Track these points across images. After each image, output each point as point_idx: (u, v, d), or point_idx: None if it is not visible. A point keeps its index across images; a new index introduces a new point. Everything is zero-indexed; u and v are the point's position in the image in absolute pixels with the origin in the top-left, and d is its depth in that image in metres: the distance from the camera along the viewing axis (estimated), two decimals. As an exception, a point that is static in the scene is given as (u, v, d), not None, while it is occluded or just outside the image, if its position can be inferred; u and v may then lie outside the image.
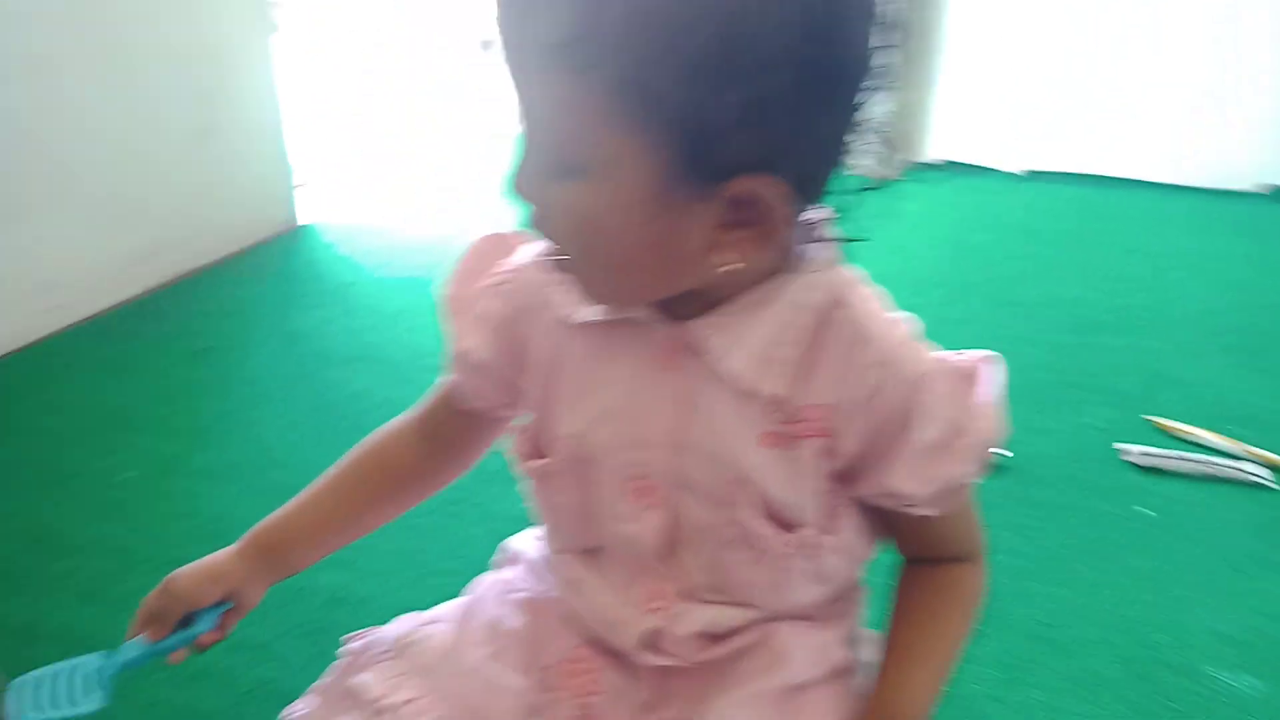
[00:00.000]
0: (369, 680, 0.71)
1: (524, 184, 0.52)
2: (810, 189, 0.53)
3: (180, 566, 0.72)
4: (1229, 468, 1.29)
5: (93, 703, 0.67)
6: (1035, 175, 2.61)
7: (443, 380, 0.74)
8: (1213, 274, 2.00)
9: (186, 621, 0.71)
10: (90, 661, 0.70)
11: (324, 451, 1.24)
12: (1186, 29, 2.46)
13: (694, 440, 0.59)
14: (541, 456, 0.65)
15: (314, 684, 0.76)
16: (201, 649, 0.71)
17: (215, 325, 1.57)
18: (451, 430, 0.74)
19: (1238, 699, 0.93)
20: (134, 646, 0.70)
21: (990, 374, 0.61)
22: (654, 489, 0.60)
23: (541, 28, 0.45)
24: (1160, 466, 1.29)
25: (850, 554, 0.67)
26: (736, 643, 0.66)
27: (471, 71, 2.98)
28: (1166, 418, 1.40)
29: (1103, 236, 2.20)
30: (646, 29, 0.44)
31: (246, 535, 0.75)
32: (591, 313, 0.59)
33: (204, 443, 1.27)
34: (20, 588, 0.99)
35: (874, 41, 0.49)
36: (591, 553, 0.68)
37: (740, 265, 0.53)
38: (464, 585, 1.04)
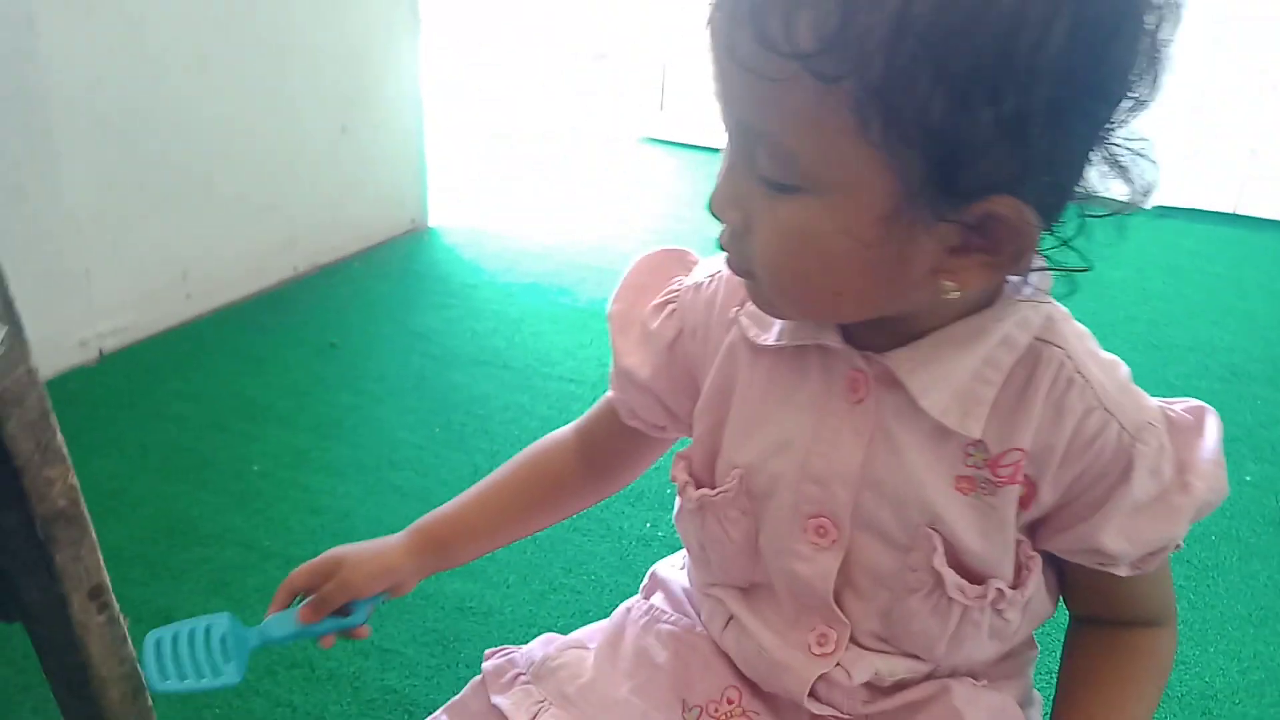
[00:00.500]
0: (506, 705, 0.70)
1: (728, 199, 0.49)
2: (1050, 214, 0.49)
3: (343, 547, 0.68)
4: None
5: (231, 675, 0.63)
6: (1167, 211, 2.49)
7: (607, 396, 0.72)
8: (1372, 327, 1.86)
9: (343, 608, 0.68)
10: (222, 622, 0.65)
11: (447, 455, 1.27)
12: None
13: (882, 479, 0.55)
14: (706, 485, 0.63)
15: (450, 701, 0.75)
16: (357, 638, 0.69)
17: (343, 320, 1.59)
18: (610, 446, 0.73)
19: None
20: (283, 623, 0.66)
21: (1213, 427, 0.56)
22: (833, 528, 0.56)
23: (781, 32, 0.41)
24: (1327, 533, 1.20)
25: (1032, 612, 0.62)
26: (905, 697, 0.62)
27: (597, 79, 3.00)
28: (1334, 480, 1.30)
29: (1249, 281, 2.07)
30: (909, 35, 0.40)
31: (415, 527, 0.73)
32: (776, 336, 0.56)
33: (331, 438, 1.28)
34: (154, 575, 1.01)
35: (1137, 57, 0.45)
36: (749, 589, 0.65)
37: (960, 292, 0.50)
38: (586, 602, 1.03)
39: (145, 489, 1.16)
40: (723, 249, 0.51)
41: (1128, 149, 0.47)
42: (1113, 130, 0.46)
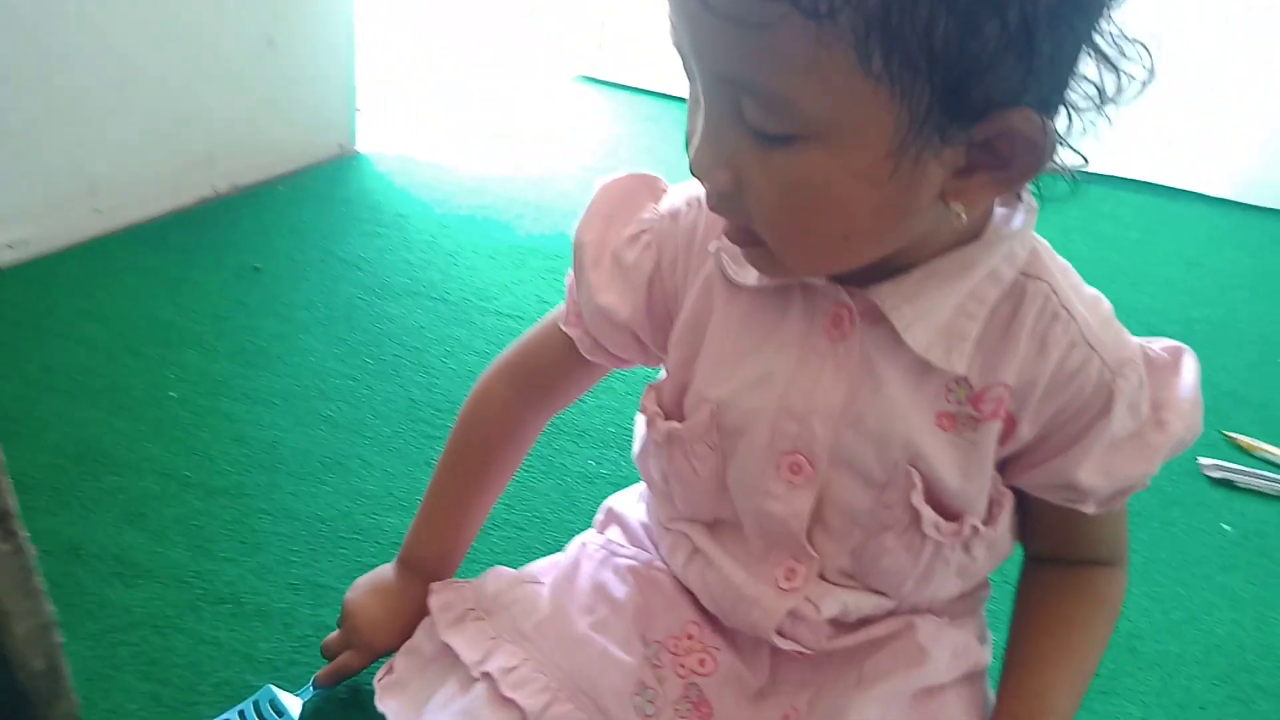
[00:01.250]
0: (460, 644, 0.67)
1: (713, 160, 0.45)
2: (1054, 118, 0.48)
3: (357, 613, 0.75)
4: (1309, 492, 1.26)
5: None
6: (1090, 178, 2.56)
7: (548, 326, 0.69)
8: (1273, 294, 1.96)
9: None
10: (268, 693, 0.73)
11: (380, 386, 1.22)
12: (1247, 50, 2.41)
13: (863, 415, 0.54)
14: (675, 417, 0.60)
15: (401, 646, 0.73)
16: None
17: (267, 245, 1.50)
18: (557, 378, 0.71)
19: (1336, 730, 0.89)
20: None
21: (1190, 367, 0.57)
22: (809, 465, 0.55)
23: None
24: (1234, 482, 1.26)
25: (997, 550, 0.63)
26: (869, 633, 0.62)
27: (536, 15, 2.90)
28: (1241, 434, 1.37)
29: (1165, 246, 2.15)
30: None
31: (411, 563, 0.76)
32: (756, 276, 0.54)
33: (255, 366, 1.21)
34: (62, 504, 0.94)
35: None
36: (714, 524, 0.64)
37: (968, 215, 0.48)
38: (529, 538, 1.00)
39: (51, 413, 1.07)
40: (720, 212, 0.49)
41: (1114, 41, 0.46)
42: (1100, 24, 0.45)
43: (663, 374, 0.64)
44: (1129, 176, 2.58)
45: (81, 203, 1.42)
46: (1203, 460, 1.29)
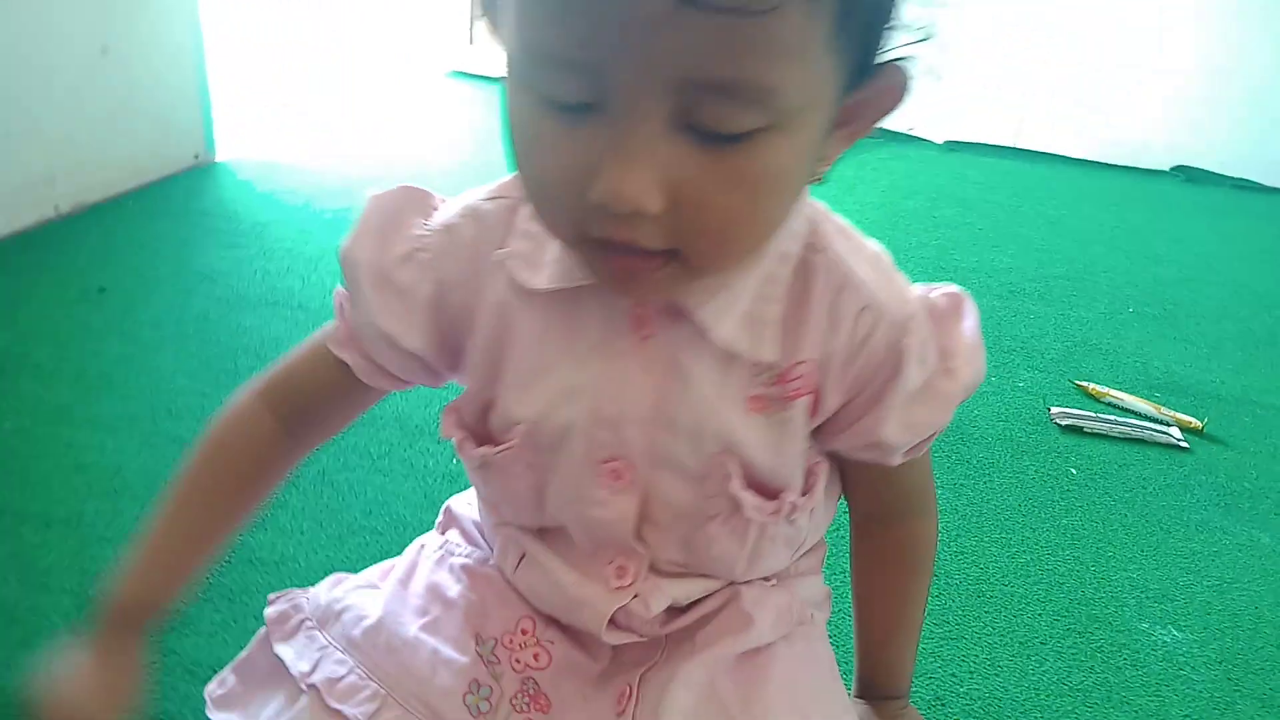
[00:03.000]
0: (289, 654, 0.65)
1: (649, 179, 0.39)
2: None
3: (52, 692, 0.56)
4: (1149, 429, 1.33)
5: None
6: (956, 145, 2.65)
7: (316, 347, 0.61)
8: (1128, 248, 2.06)
9: None
10: None
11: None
12: (1103, 14, 2.52)
13: (675, 415, 0.53)
14: (488, 441, 0.58)
15: (236, 658, 0.70)
16: None
17: (116, 263, 1.45)
18: (325, 405, 0.62)
19: (1164, 650, 0.95)
20: None
21: (970, 311, 0.58)
22: (628, 470, 0.55)
23: None
24: (1082, 427, 1.32)
25: (819, 517, 0.64)
26: (699, 610, 0.63)
27: (402, 11, 2.84)
28: (1090, 382, 1.43)
29: (1027, 208, 2.24)
30: None
31: (124, 610, 0.60)
32: (550, 279, 0.52)
33: (98, 390, 1.17)
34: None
35: None
36: (543, 529, 0.63)
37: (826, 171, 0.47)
38: (387, 542, 0.99)
39: None
40: (618, 244, 0.42)
41: None
42: None
43: (460, 395, 0.60)
44: (995, 143, 2.68)
45: (-98, 231, 1.34)
46: (1054, 410, 1.35)
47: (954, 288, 0.57)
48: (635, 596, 0.59)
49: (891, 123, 0.49)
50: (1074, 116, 2.64)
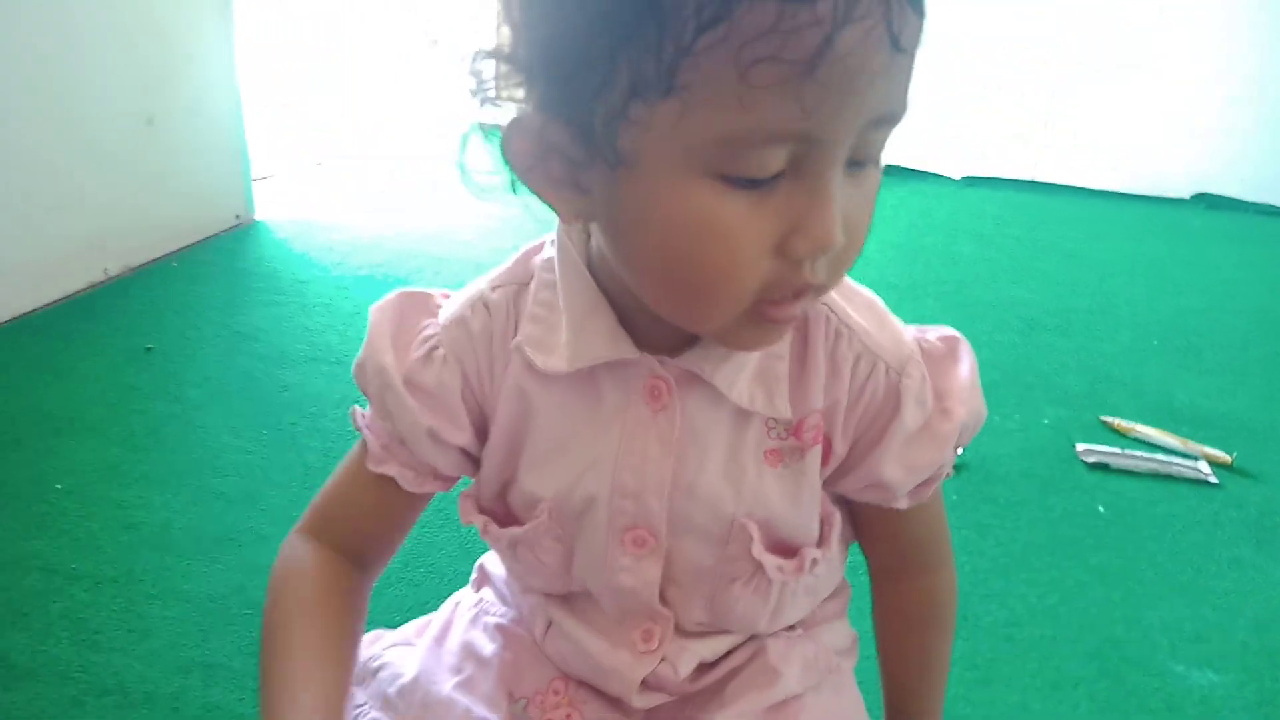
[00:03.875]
0: None
1: (838, 220, 0.43)
2: None
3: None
4: (1177, 465, 1.33)
5: None
6: (972, 181, 2.67)
7: (351, 477, 0.60)
8: (1149, 278, 2.06)
9: None
10: None
11: (277, 456, 1.23)
12: (1117, 45, 2.54)
13: (694, 481, 0.56)
14: (510, 521, 0.60)
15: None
16: None
17: (161, 323, 1.50)
18: (378, 524, 0.61)
19: (1200, 693, 0.95)
20: None
21: (965, 354, 0.60)
22: (651, 537, 0.56)
23: (915, 14, 0.41)
24: (1109, 464, 1.33)
25: (835, 562, 0.66)
26: (728, 665, 0.65)
27: (430, 68, 2.92)
28: (1115, 416, 1.44)
29: (1045, 241, 2.25)
30: None
31: None
32: (565, 361, 0.53)
33: (146, 449, 1.21)
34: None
35: None
36: (570, 596, 0.64)
37: None
38: (425, 594, 1.01)
39: (-68, 518, 1.06)
40: (797, 293, 0.45)
41: None
42: None
43: (472, 482, 0.61)
44: (1012, 176, 2.69)
45: (-38, 299, 1.40)
46: (1079, 446, 1.36)
47: (950, 331, 0.59)
48: (663, 660, 0.61)
49: (909, 159, 0.52)
50: (1091, 147, 2.65)
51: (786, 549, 0.58)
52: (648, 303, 0.47)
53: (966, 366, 0.58)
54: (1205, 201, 2.62)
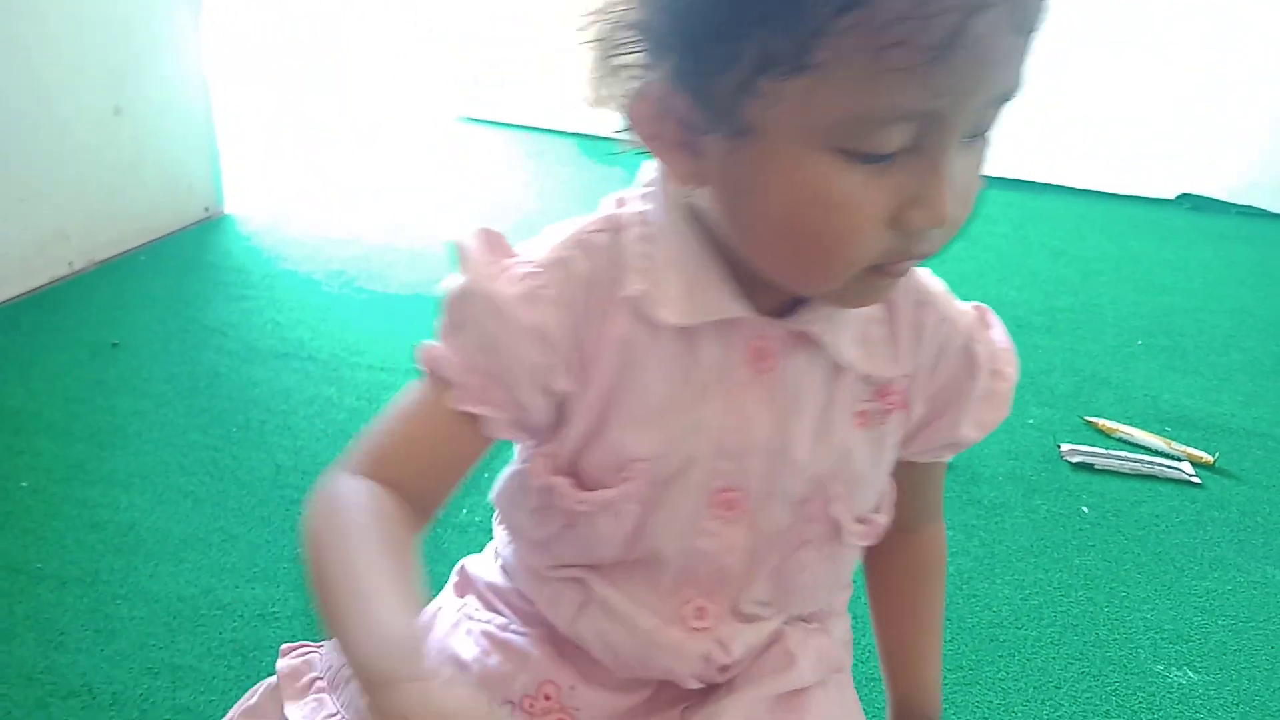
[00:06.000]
0: (296, 716, 0.65)
1: (954, 187, 0.44)
2: None
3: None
4: (1161, 465, 1.32)
5: None
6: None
7: (416, 412, 0.54)
8: (1134, 278, 2.06)
9: None
10: None
11: (245, 455, 1.19)
12: (1103, 44, 2.55)
13: (793, 440, 0.55)
14: (582, 481, 0.55)
15: (243, 704, 0.70)
16: None
17: (127, 318, 1.47)
18: (446, 469, 0.55)
19: (1180, 692, 0.94)
20: None
21: (996, 319, 0.61)
22: (742, 499, 0.55)
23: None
24: (1093, 464, 1.31)
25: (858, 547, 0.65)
26: (752, 651, 0.63)
27: (409, 58, 2.89)
28: (1100, 417, 1.43)
29: (1031, 240, 2.25)
30: None
31: (387, 668, 0.44)
32: (680, 314, 0.51)
33: (111, 446, 1.18)
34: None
35: None
36: (609, 567, 0.59)
37: None
38: (400, 595, 0.99)
39: (-116, 518, 1.02)
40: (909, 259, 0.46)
41: None
42: None
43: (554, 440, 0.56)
44: (996, 175, 2.69)
45: (-82, 293, 1.37)
46: (1064, 446, 1.35)
47: (976, 303, 0.61)
48: (715, 641, 0.58)
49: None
50: (1077, 148, 2.65)
51: (860, 515, 0.59)
52: (759, 265, 0.48)
53: (1000, 329, 0.60)
54: (1189, 202, 2.62)
